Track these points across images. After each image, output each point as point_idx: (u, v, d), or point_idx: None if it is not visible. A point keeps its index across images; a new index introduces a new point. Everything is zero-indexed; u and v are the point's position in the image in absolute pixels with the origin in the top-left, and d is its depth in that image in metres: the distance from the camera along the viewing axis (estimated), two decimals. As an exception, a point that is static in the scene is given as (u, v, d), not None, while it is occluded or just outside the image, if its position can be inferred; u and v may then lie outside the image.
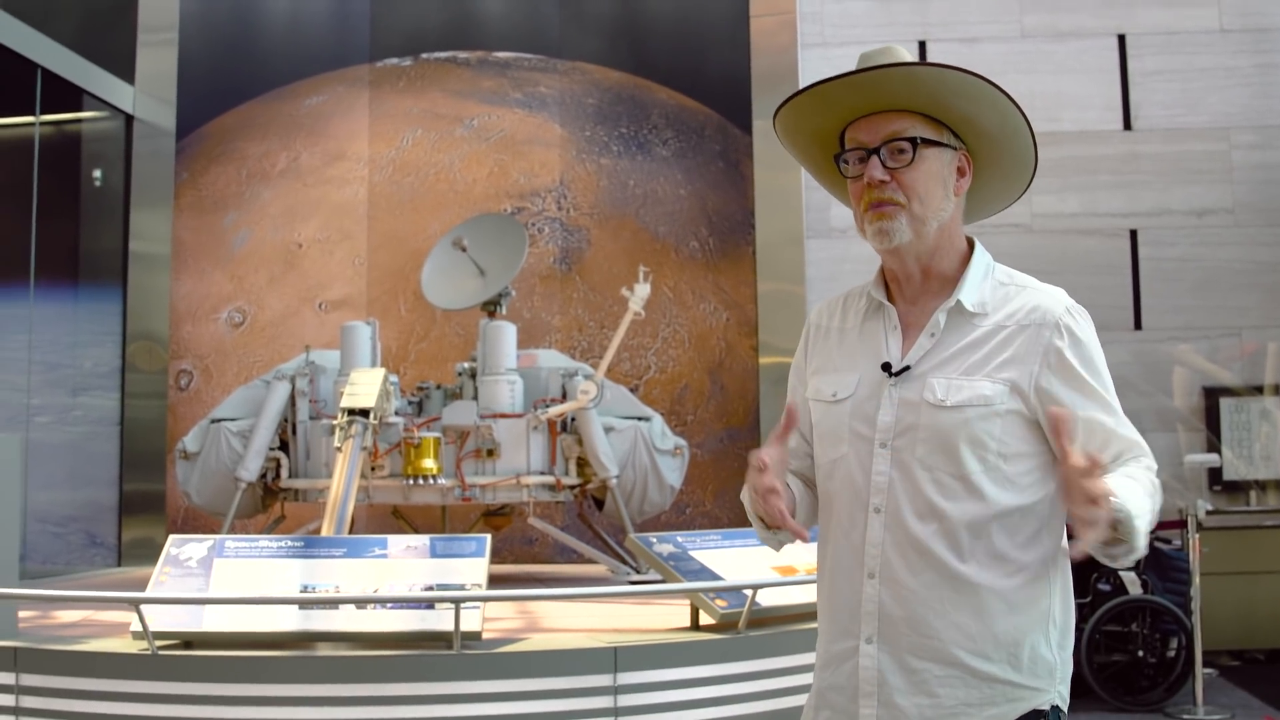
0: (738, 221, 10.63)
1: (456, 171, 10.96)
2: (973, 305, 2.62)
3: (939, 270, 2.67)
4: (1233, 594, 9.22)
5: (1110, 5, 10.37)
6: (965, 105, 2.64)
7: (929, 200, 2.62)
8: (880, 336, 2.69)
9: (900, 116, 2.63)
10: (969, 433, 2.52)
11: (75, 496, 9.97)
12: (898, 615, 2.55)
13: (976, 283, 2.65)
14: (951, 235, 2.68)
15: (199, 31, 10.90)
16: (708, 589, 5.56)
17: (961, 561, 2.51)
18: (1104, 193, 10.20)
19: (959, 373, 2.56)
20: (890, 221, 2.60)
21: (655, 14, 11.19)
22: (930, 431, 2.55)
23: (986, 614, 2.51)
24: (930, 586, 2.52)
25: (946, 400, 2.54)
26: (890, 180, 2.60)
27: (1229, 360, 10.08)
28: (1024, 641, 2.51)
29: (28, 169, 9.42)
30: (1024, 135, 2.69)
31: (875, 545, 2.58)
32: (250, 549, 5.54)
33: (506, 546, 10.06)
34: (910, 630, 2.54)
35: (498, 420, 8.00)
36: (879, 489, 2.59)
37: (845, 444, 2.67)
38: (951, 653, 2.51)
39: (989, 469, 2.51)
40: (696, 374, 10.56)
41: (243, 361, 10.71)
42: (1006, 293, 2.65)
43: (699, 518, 10.25)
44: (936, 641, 2.52)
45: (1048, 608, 2.55)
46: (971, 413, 2.53)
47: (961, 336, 2.60)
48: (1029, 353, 2.54)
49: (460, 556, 5.46)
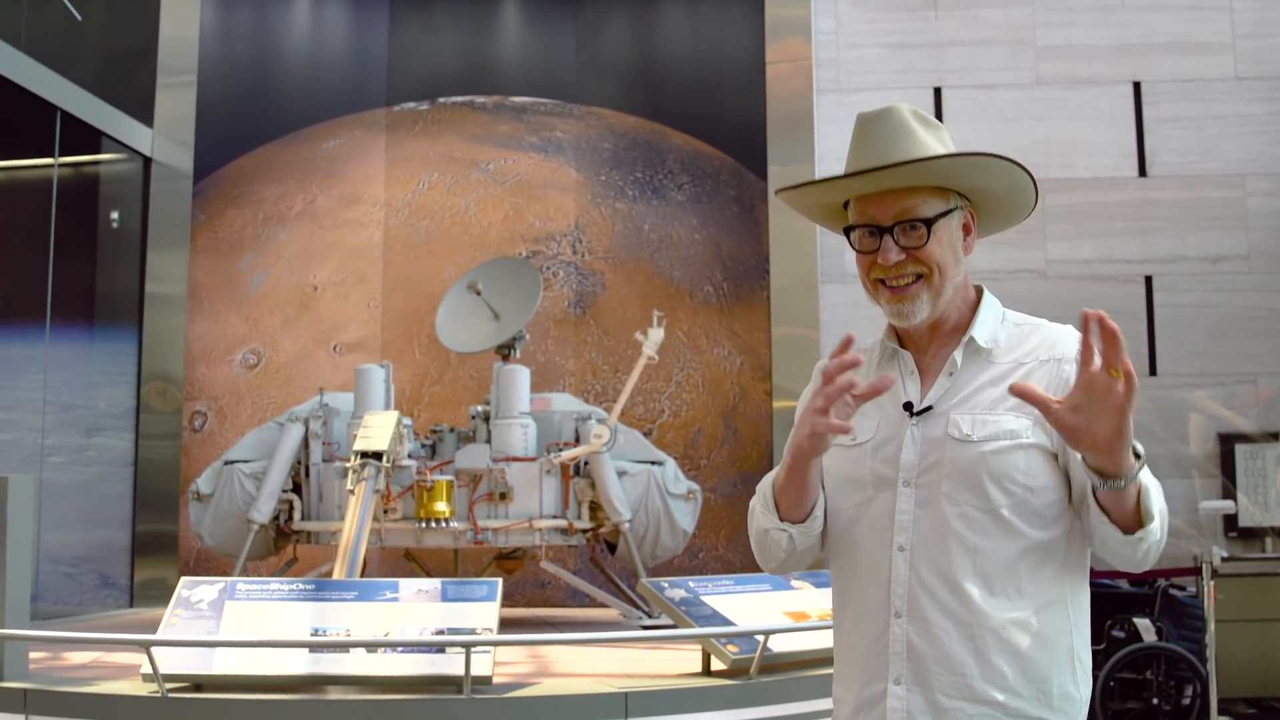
0: (752, 266, 10.64)
1: (472, 215, 10.99)
2: (985, 341, 2.63)
3: (950, 322, 2.68)
4: (1248, 641, 9.15)
5: (1126, 53, 10.40)
6: (977, 179, 2.66)
7: (945, 270, 2.63)
8: (899, 382, 2.70)
9: (910, 194, 2.62)
10: (995, 466, 2.51)
11: (88, 537, 9.96)
12: (927, 654, 2.53)
13: (987, 322, 2.67)
14: (962, 288, 2.70)
15: (218, 75, 10.97)
16: (719, 634, 5.54)
17: (990, 596, 2.50)
18: (1119, 239, 10.19)
19: (982, 409, 2.56)
20: (910, 304, 2.62)
21: (671, 60, 11.25)
22: (955, 466, 2.54)
23: (1016, 650, 2.49)
24: (958, 623, 2.50)
25: (972, 435, 2.54)
26: (906, 259, 2.61)
27: (1244, 406, 10.04)
28: (1052, 677, 2.50)
29: (46, 210, 9.47)
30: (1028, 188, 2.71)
31: (901, 584, 2.57)
32: (261, 592, 5.54)
33: (519, 590, 10.03)
34: (941, 669, 2.52)
35: (511, 464, 7.99)
36: (903, 527, 2.58)
37: (869, 487, 2.65)
38: (984, 690, 2.49)
39: (1016, 503, 2.50)
40: (710, 418, 10.55)
41: (257, 403, 10.73)
42: (1021, 332, 2.66)
43: (712, 562, 10.22)
44: (968, 679, 2.50)
45: (1070, 643, 2.54)
46: (997, 446, 2.52)
47: (979, 374, 2.62)
48: (1051, 386, 2.52)
49: (472, 600, 5.44)
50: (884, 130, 2.65)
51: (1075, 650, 2.54)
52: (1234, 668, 8.83)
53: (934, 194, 2.64)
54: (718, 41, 11.10)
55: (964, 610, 2.51)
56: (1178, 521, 9.65)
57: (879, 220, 2.63)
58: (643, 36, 11.34)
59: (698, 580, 6.20)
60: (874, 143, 2.65)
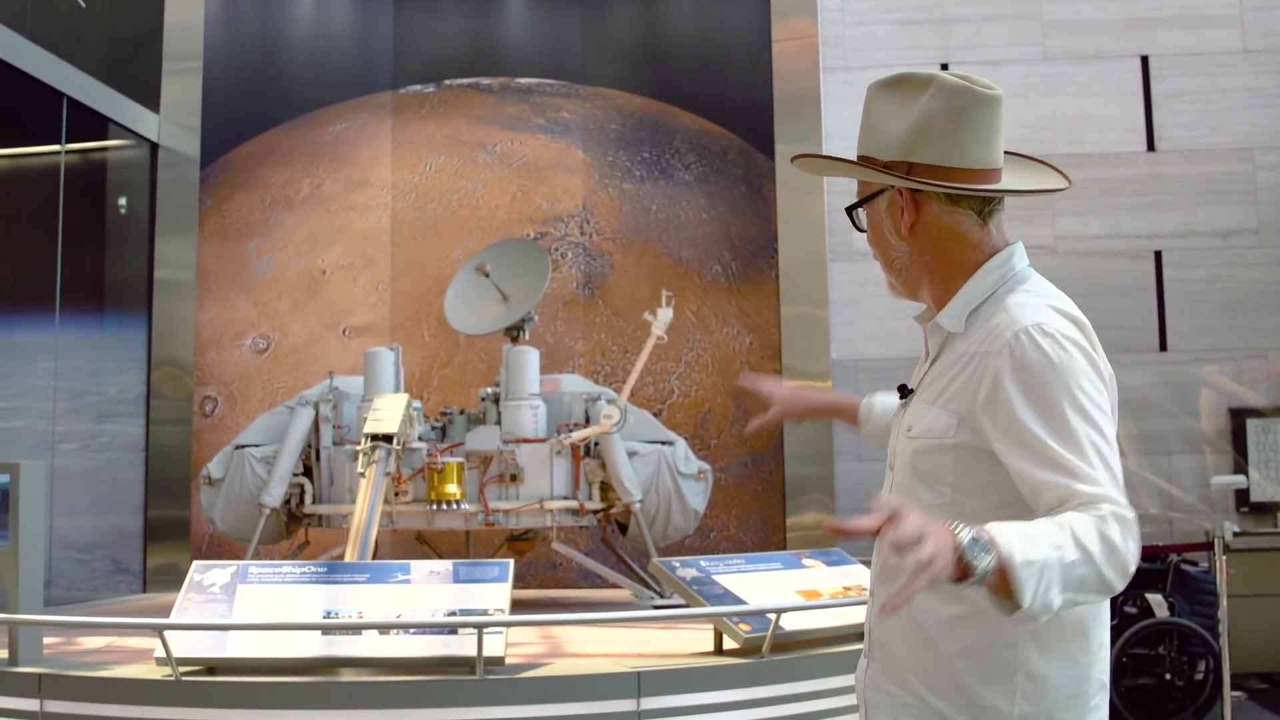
0: (760, 245, 10.63)
1: (479, 197, 10.98)
2: (948, 325, 2.55)
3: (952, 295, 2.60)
4: (1261, 616, 9.15)
5: (1133, 27, 10.36)
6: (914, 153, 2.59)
7: (883, 253, 2.65)
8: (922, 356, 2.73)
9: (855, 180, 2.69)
10: (922, 466, 2.49)
11: (100, 523, 9.99)
12: (877, 637, 2.59)
13: (963, 302, 2.55)
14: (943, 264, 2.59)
15: (223, 60, 10.96)
16: (731, 613, 5.55)
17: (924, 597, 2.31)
18: (1128, 214, 10.17)
19: (929, 401, 2.52)
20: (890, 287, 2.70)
21: (677, 39, 11.22)
22: (901, 460, 2.58)
23: (940, 653, 2.46)
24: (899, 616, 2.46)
25: (911, 430, 2.53)
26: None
27: (1255, 381, 10.02)
28: (975, 688, 2.41)
29: (53, 197, 9.47)
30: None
31: (876, 565, 2.62)
32: (274, 575, 5.55)
33: (530, 571, 10.04)
34: (885, 653, 2.57)
35: (521, 445, 8.00)
36: None
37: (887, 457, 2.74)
38: (911, 682, 2.50)
39: (947, 504, 2.42)
40: (720, 398, 10.54)
41: (267, 388, 10.74)
42: (989, 313, 2.50)
43: (723, 542, 10.23)
44: (900, 669, 2.52)
45: (1013, 658, 2.41)
46: (924, 444, 2.49)
47: (944, 362, 2.55)
48: (973, 381, 2.43)
49: (483, 582, 5.46)
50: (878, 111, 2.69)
51: (1023, 667, 2.40)
52: (1246, 643, 8.83)
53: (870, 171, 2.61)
54: (723, 20, 11.07)
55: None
56: (1189, 497, 9.66)
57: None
58: (648, 16, 11.31)
59: (709, 559, 6.21)
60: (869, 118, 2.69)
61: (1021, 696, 2.39)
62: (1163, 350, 9.99)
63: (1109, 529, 2.16)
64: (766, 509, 10.29)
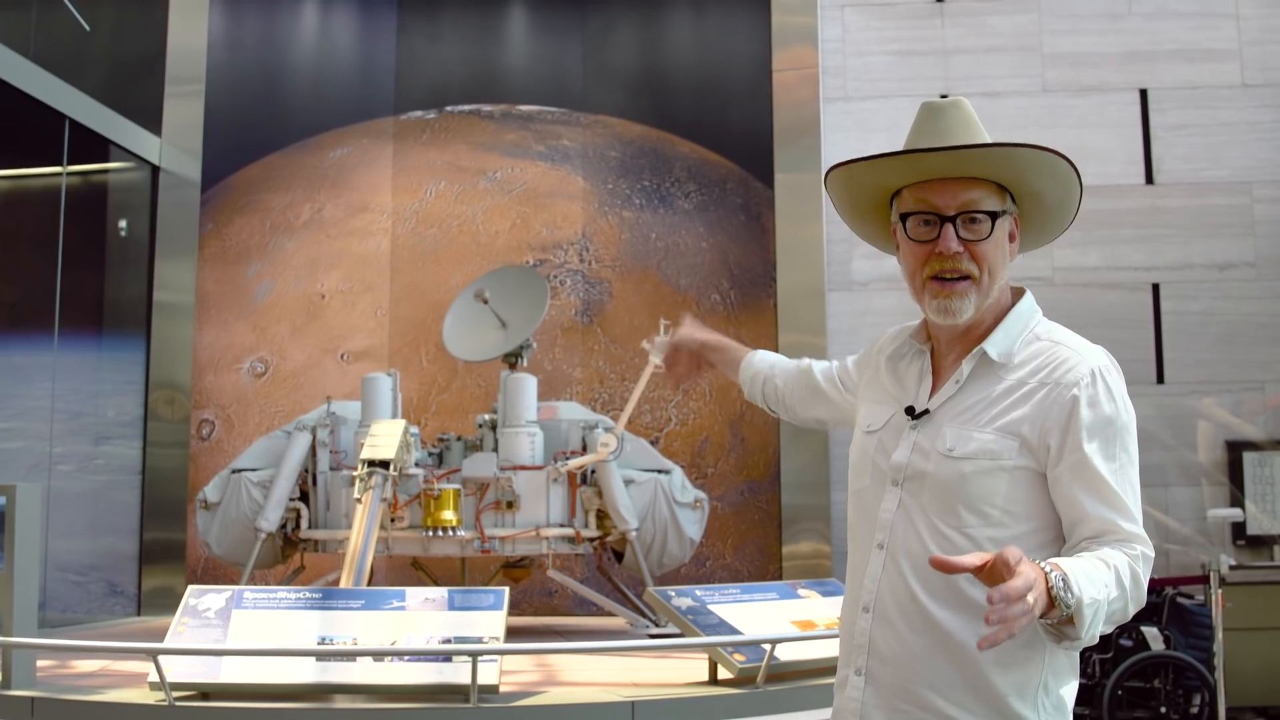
0: (759, 274, 10.64)
1: (479, 224, 11.00)
2: (997, 355, 2.59)
3: (981, 326, 2.66)
4: (1256, 650, 9.13)
5: (1132, 60, 10.40)
6: (1041, 182, 2.65)
7: (995, 272, 2.61)
8: (915, 379, 2.71)
9: (975, 185, 2.59)
10: (971, 486, 2.49)
11: (95, 545, 9.98)
12: (884, 653, 2.56)
13: (1007, 333, 2.62)
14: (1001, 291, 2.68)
15: (225, 84, 11.00)
16: (726, 643, 5.54)
17: (952, 613, 2.48)
18: (1126, 246, 10.19)
19: (973, 424, 2.54)
20: (958, 301, 2.59)
21: (678, 68, 11.25)
22: (936, 480, 2.54)
23: (969, 668, 2.47)
24: (916, 631, 2.51)
25: (954, 450, 2.51)
26: (963, 251, 2.57)
27: (1252, 414, 10.03)
28: (1008, 700, 2.46)
29: (54, 218, 9.49)
30: (1074, 205, 2.72)
31: (873, 580, 2.59)
32: (268, 600, 5.55)
33: (525, 598, 10.03)
34: (894, 670, 2.54)
35: (518, 472, 8.00)
36: (884, 525, 2.59)
37: (867, 476, 2.70)
38: (930, 699, 2.49)
39: (991, 525, 2.47)
40: (717, 427, 10.54)
41: (264, 412, 10.74)
42: (1039, 348, 2.60)
43: (719, 571, 10.22)
44: (916, 686, 2.50)
45: (1040, 676, 2.49)
46: (977, 465, 2.50)
47: (985, 388, 2.58)
48: (1043, 410, 2.50)
49: (478, 609, 5.45)
50: (954, 119, 2.63)
51: (1045, 683, 2.50)
52: (1242, 676, 8.81)
53: (995, 192, 2.61)
54: (724, 50, 11.11)
55: (922, 620, 2.51)
56: (1186, 530, 9.65)
57: (941, 209, 2.58)
58: (649, 45, 11.35)
59: (705, 589, 6.21)
60: (945, 128, 2.61)
61: (1043, 708, 2.49)
62: (1160, 382, 10.00)
63: (1138, 568, 2.36)
64: (763, 538, 10.28)
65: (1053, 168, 2.63)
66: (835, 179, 2.77)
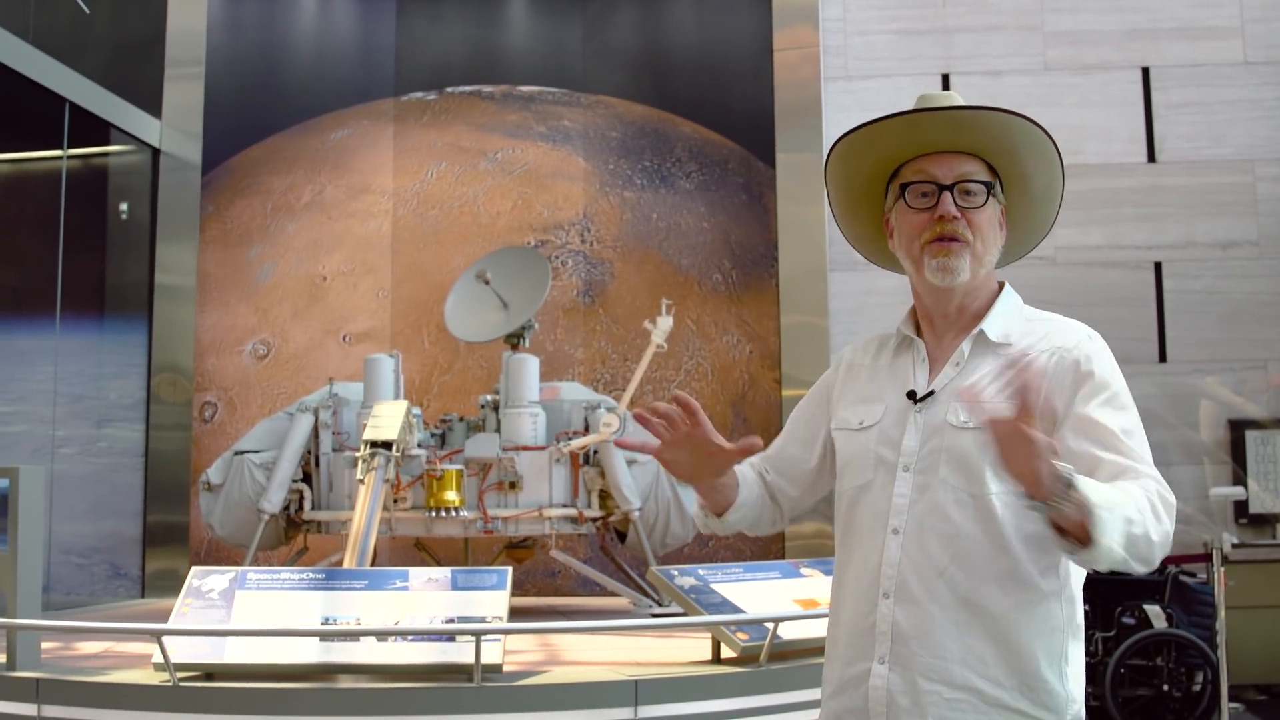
0: (760, 254, 10.63)
1: (480, 205, 10.99)
2: (997, 336, 2.65)
3: (972, 309, 2.71)
4: (1259, 627, 9.15)
5: (1134, 38, 10.37)
6: (1031, 162, 2.74)
7: (989, 243, 2.69)
8: (909, 369, 2.73)
9: (970, 159, 2.69)
10: (990, 452, 2.51)
11: (99, 528, 9.99)
12: (910, 635, 2.54)
13: (1003, 316, 2.70)
14: (988, 278, 2.73)
15: (225, 66, 10.98)
16: (729, 622, 5.55)
17: (980, 585, 2.50)
18: (1128, 225, 10.17)
19: (971, 399, 2.57)
20: (956, 259, 2.65)
21: (679, 48, 11.23)
22: (953, 453, 2.55)
23: (1000, 639, 2.49)
24: (945, 608, 2.52)
25: (970, 422, 2.54)
26: (960, 217, 2.65)
27: (1254, 393, 10.03)
28: (1036, 670, 2.49)
29: (55, 202, 9.49)
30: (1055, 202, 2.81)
31: (892, 565, 2.59)
32: (272, 581, 5.55)
33: (528, 579, 10.04)
34: (922, 650, 2.53)
35: (520, 453, 8.00)
36: (899, 510, 2.60)
37: (870, 470, 2.69)
38: (962, 675, 2.49)
39: (1010, 491, 2.48)
40: (719, 407, 10.54)
41: (266, 394, 10.74)
42: (1031, 327, 2.68)
43: (721, 550, 10.23)
44: (947, 663, 2.50)
45: (1061, 641, 2.53)
46: None
47: (985, 365, 2.63)
48: (1049, 377, 2.55)
49: (481, 589, 5.46)
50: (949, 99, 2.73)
51: (1065, 648, 2.53)
52: (1245, 654, 8.82)
53: (986, 169, 2.71)
54: (725, 29, 11.08)
55: (951, 595, 2.52)
56: (1188, 508, 9.65)
57: (940, 179, 2.67)
58: (650, 25, 11.32)
59: (707, 568, 6.21)
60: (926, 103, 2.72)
61: (1067, 676, 2.52)
62: (1162, 361, 10.00)
63: (1157, 501, 2.37)
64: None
65: (1042, 146, 2.72)
66: (838, 155, 2.83)
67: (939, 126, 2.67)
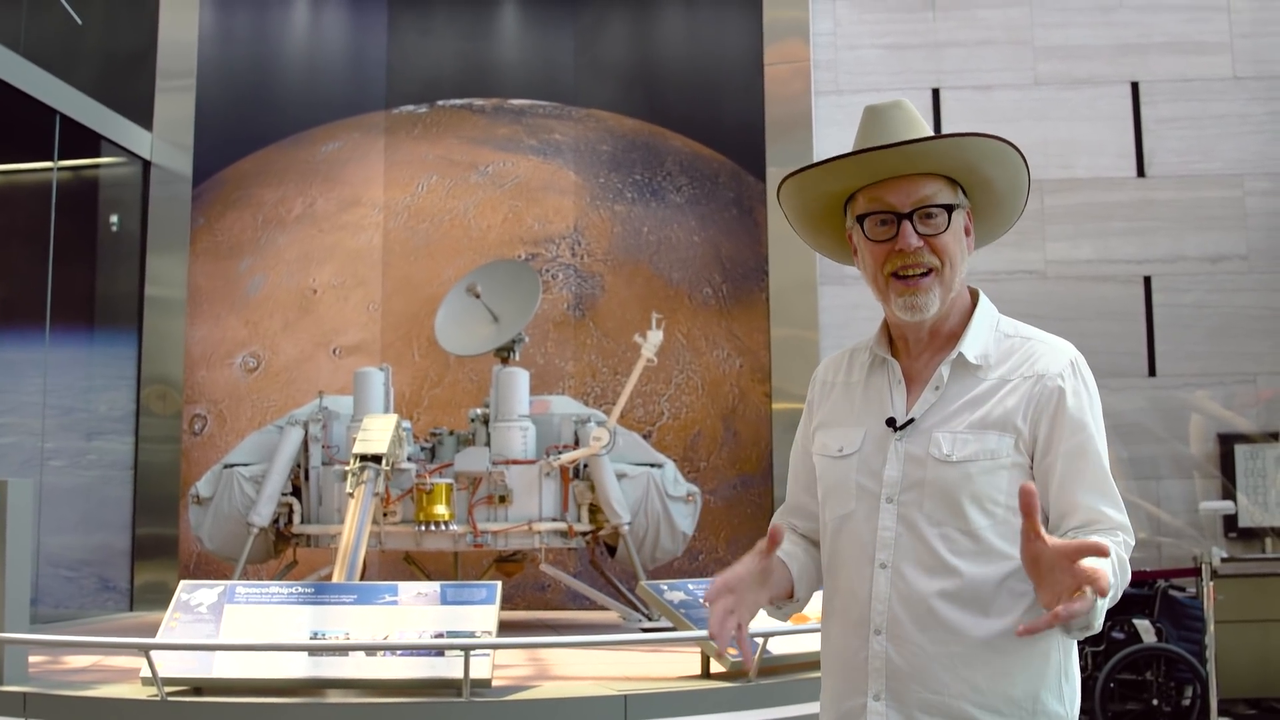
0: (751, 268, 10.64)
1: (471, 218, 11.00)
2: (975, 358, 2.59)
3: (946, 326, 2.65)
4: (1248, 642, 9.14)
5: (1124, 53, 10.40)
6: (991, 169, 2.64)
7: (955, 264, 2.61)
8: (885, 391, 2.67)
9: (927, 179, 2.60)
10: (975, 488, 2.49)
11: (88, 540, 9.97)
12: (905, 672, 2.51)
13: (979, 335, 2.63)
14: (960, 291, 2.67)
15: (217, 79, 10.98)
16: (719, 637, 5.54)
17: (971, 618, 2.48)
18: (1118, 239, 10.19)
19: (964, 427, 2.53)
20: (923, 296, 2.58)
21: (670, 62, 11.25)
22: (936, 488, 2.52)
23: (997, 669, 2.47)
24: (938, 643, 2.49)
25: (953, 455, 2.51)
26: (923, 246, 2.57)
27: (1244, 407, 10.04)
28: (1036, 695, 2.48)
29: (45, 214, 9.48)
30: (1023, 193, 2.71)
31: (881, 601, 2.55)
32: (261, 595, 5.54)
33: (518, 593, 10.03)
34: (919, 686, 2.50)
35: (510, 466, 8.00)
36: (885, 544, 2.56)
37: (852, 500, 2.63)
38: (962, 708, 2.47)
39: (998, 523, 2.47)
40: (709, 420, 10.55)
41: (256, 406, 10.73)
42: (1011, 345, 2.62)
43: (712, 564, 10.22)
44: (946, 698, 2.48)
45: (1058, 662, 2.52)
46: (977, 467, 2.49)
47: (965, 390, 2.58)
48: (1031, 401, 2.53)
49: (471, 603, 5.45)
50: (897, 119, 2.63)
51: (1064, 668, 2.53)
52: (1234, 669, 8.82)
53: (946, 185, 2.62)
54: (716, 43, 11.11)
55: (942, 629, 2.50)
56: (1177, 522, 9.66)
57: (897, 206, 2.58)
58: (641, 38, 11.35)
59: (697, 582, 6.22)
60: (890, 129, 2.61)
61: (1066, 696, 2.52)
62: (1152, 375, 10.01)
63: (1124, 556, 2.40)
64: (755, 531, 10.27)
65: (1000, 154, 2.62)
66: (789, 190, 2.75)
67: (890, 155, 2.58)
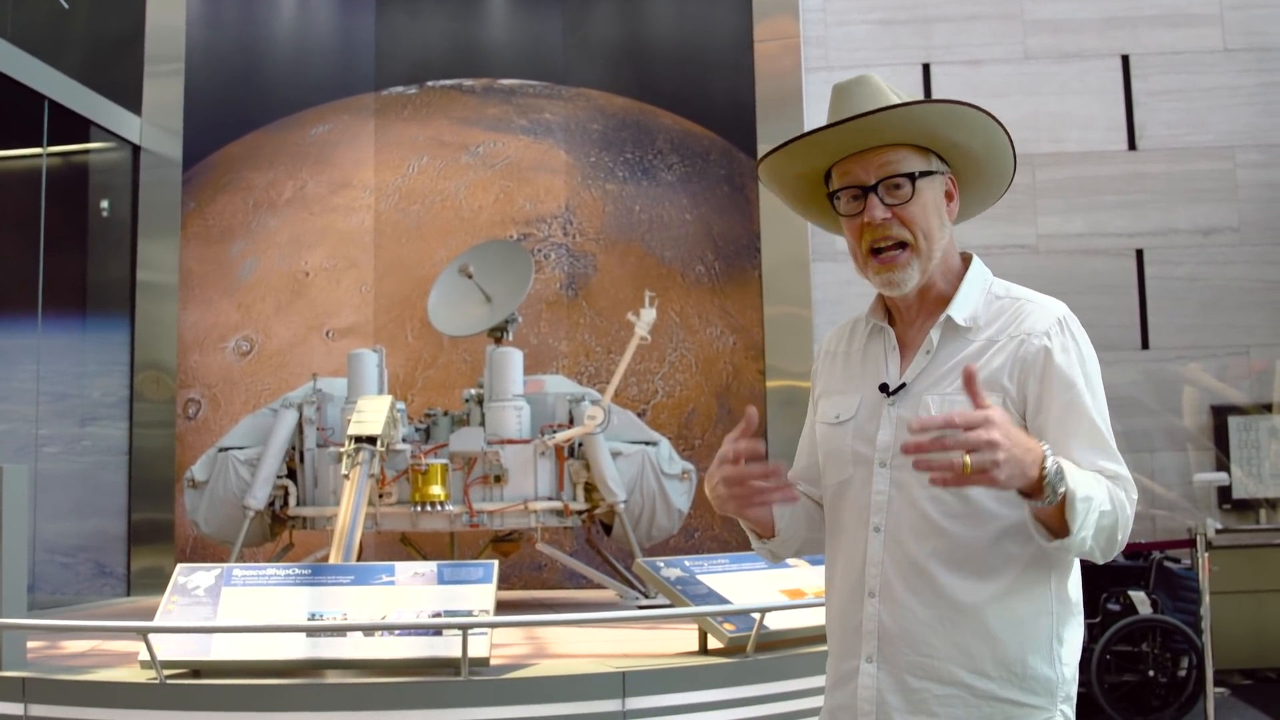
0: (743, 245, 10.64)
1: (462, 198, 10.98)
2: (964, 320, 2.62)
3: (936, 291, 2.68)
4: (1243, 612, 9.19)
5: (1114, 26, 10.39)
6: (955, 133, 2.65)
7: (930, 233, 2.63)
8: (881, 358, 2.71)
9: (892, 150, 2.62)
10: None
11: (83, 526, 9.97)
12: (896, 634, 2.55)
13: (969, 298, 2.65)
14: (947, 256, 2.69)
15: (205, 62, 10.94)
16: (715, 613, 5.56)
17: (962, 579, 2.50)
18: (1109, 213, 10.19)
19: (954, 389, 2.54)
20: (900, 272, 2.62)
21: (659, 40, 11.23)
22: None
23: (986, 632, 2.49)
24: (928, 605, 2.52)
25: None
26: (891, 217, 2.60)
27: (1237, 378, 10.06)
28: (1025, 659, 2.49)
29: (35, 200, 9.45)
30: (1006, 151, 2.71)
31: (875, 564, 2.58)
32: (258, 577, 5.55)
33: (515, 572, 10.04)
34: (909, 649, 2.53)
35: (505, 446, 8.00)
36: (879, 508, 2.59)
37: (849, 465, 2.68)
38: (950, 671, 2.50)
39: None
40: (704, 398, 10.55)
41: (250, 390, 10.72)
42: (1001, 306, 2.64)
43: (707, 542, 10.24)
44: (935, 660, 2.51)
45: (1049, 625, 2.52)
46: None
47: (955, 352, 2.60)
48: (1018, 363, 2.54)
49: (468, 583, 5.46)
50: (862, 94, 2.64)
51: (1056, 632, 2.53)
52: (1229, 639, 8.87)
53: (915, 153, 2.64)
54: (705, 20, 11.08)
55: (933, 592, 2.52)
56: (1172, 494, 9.69)
57: (863, 179, 2.62)
58: (630, 17, 11.31)
59: (693, 559, 6.22)
60: (855, 104, 2.63)
61: (1058, 660, 2.52)
62: (1145, 348, 10.02)
63: (1124, 499, 2.41)
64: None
65: (957, 115, 2.62)
66: (765, 175, 2.81)
67: (850, 130, 2.61)
